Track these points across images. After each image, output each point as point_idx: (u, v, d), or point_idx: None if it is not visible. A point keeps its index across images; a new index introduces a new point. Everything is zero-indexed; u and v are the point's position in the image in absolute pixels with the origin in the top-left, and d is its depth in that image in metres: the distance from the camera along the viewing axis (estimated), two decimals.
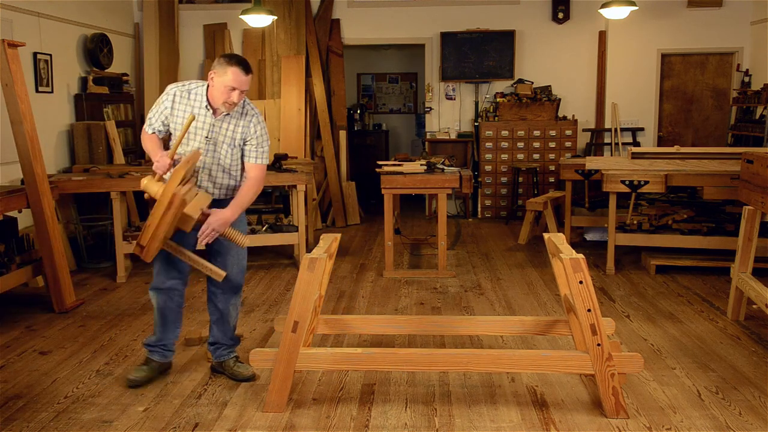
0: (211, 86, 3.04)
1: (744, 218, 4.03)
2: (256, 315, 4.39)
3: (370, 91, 11.10)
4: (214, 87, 3.01)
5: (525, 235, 6.50)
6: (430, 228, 7.11)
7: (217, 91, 3.00)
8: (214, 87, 3.01)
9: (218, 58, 3.03)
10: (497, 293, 4.85)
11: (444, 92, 8.21)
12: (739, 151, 5.18)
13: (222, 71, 2.97)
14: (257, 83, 7.80)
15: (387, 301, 4.70)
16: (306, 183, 5.55)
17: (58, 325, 4.23)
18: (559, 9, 7.88)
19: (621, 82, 7.86)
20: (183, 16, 7.85)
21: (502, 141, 7.82)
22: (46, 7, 5.98)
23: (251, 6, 6.54)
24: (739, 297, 4.13)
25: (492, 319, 3.57)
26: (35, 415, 2.99)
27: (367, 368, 3.15)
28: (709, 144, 7.90)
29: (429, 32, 8.06)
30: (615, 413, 2.88)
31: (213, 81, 3.01)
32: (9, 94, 4.26)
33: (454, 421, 2.89)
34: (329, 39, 7.92)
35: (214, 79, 3.00)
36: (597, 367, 2.84)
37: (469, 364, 2.97)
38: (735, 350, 3.67)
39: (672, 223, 5.42)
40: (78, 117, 6.48)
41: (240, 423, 2.90)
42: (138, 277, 5.35)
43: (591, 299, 2.80)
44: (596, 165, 5.73)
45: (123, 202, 5.45)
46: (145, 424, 2.89)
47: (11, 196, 4.35)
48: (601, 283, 5.05)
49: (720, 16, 7.69)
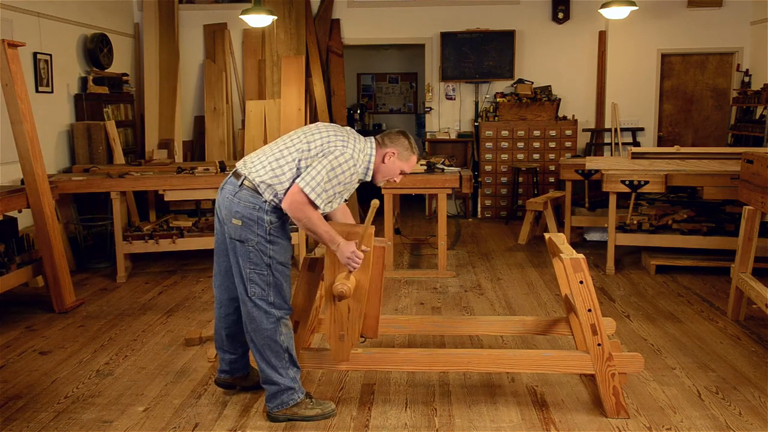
0: (381, 162, 2.90)
1: (744, 218, 4.03)
2: None
3: (370, 91, 11.10)
4: (388, 166, 2.90)
5: (525, 235, 6.50)
6: (430, 228, 7.11)
7: (389, 170, 2.92)
8: (386, 165, 2.90)
9: (401, 140, 2.91)
10: (497, 293, 4.85)
11: (444, 92, 8.21)
12: (739, 151, 5.18)
13: (406, 156, 2.91)
14: (257, 83, 7.81)
15: (387, 301, 4.70)
16: None
17: (58, 325, 4.23)
18: (559, 9, 7.87)
19: (621, 82, 7.86)
20: (183, 16, 7.86)
21: (502, 141, 7.82)
22: (46, 7, 5.98)
23: (251, 6, 6.54)
24: (739, 297, 4.13)
25: (493, 319, 3.56)
26: (35, 415, 2.99)
27: (367, 368, 3.14)
28: (709, 144, 7.90)
29: (429, 32, 8.06)
30: (615, 413, 2.88)
31: (390, 160, 2.89)
32: (9, 94, 4.26)
33: (454, 421, 2.89)
34: (329, 39, 7.92)
35: (392, 158, 2.89)
36: (597, 367, 2.84)
37: (470, 364, 2.98)
38: (735, 350, 3.67)
39: (672, 223, 5.42)
40: (78, 117, 6.48)
41: (240, 423, 2.90)
42: (138, 277, 5.35)
43: (591, 299, 2.80)
44: (596, 165, 5.73)
45: (123, 202, 5.45)
46: (145, 424, 2.89)
47: (11, 196, 4.35)
48: (601, 283, 5.05)
49: (720, 16, 7.69)
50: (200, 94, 7.95)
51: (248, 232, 2.77)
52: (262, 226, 2.77)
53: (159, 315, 4.41)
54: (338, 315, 2.82)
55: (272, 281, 2.82)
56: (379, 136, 2.96)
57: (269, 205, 2.77)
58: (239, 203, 2.77)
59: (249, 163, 2.84)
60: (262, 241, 2.78)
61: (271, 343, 2.84)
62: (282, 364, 2.87)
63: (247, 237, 2.78)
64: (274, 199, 2.77)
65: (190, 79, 7.99)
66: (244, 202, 2.77)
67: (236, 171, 2.84)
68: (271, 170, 2.77)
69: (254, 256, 2.79)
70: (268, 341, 2.84)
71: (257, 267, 2.79)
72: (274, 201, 2.77)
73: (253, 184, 2.77)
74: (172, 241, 5.33)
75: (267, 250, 2.79)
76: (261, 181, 2.76)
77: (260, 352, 2.87)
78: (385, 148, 2.89)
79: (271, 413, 2.91)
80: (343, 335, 2.86)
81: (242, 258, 2.80)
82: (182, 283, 5.18)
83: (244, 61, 7.89)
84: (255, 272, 2.80)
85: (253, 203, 2.76)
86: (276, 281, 2.83)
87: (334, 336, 2.87)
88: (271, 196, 2.76)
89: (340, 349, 2.90)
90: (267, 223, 2.77)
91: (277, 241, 2.81)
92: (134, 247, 5.31)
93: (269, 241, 2.79)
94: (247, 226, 2.77)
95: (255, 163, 2.82)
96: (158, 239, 5.31)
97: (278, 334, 2.84)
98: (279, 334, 2.84)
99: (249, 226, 2.77)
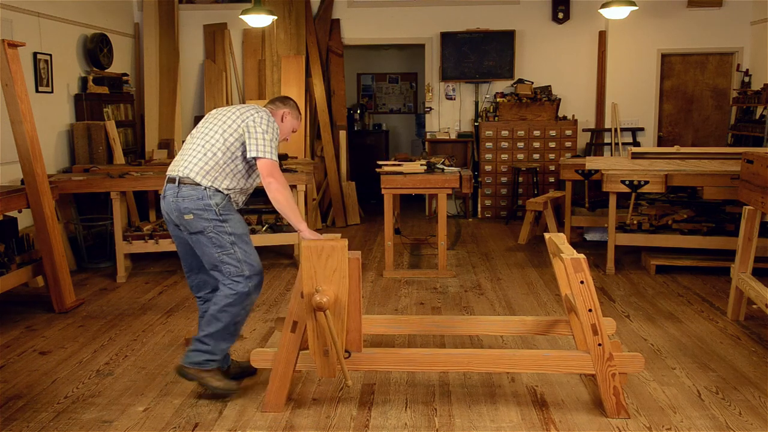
0: (281, 122, 3.26)
1: (744, 218, 4.03)
2: (256, 315, 4.39)
3: (370, 91, 11.10)
4: (285, 125, 3.28)
5: (525, 235, 6.50)
6: (430, 228, 7.11)
7: (286, 129, 3.29)
8: (284, 124, 3.28)
9: (290, 102, 3.32)
10: (497, 293, 4.85)
11: (444, 92, 8.21)
12: (739, 151, 5.18)
13: (296, 115, 3.31)
14: (257, 83, 7.81)
15: (387, 301, 4.70)
16: (306, 183, 5.55)
17: (58, 325, 4.23)
18: (559, 9, 7.87)
19: (621, 82, 7.86)
20: (183, 16, 7.86)
21: (502, 141, 7.82)
22: (46, 7, 5.98)
23: (251, 6, 6.54)
24: (739, 297, 4.13)
25: (493, 319, 3.56)
26: (35, 415, 2.99)
27: (368, 368, 3.14)
28: (709, 144, 7.90)
29: (429, 32, 8.06)
30: (616, 413, 2.88)
31: (286, 119, 3.28)
32: (9, 94, 4.26)
33: (454, 421, 2.89)
34: (329, 39, 7.92)
35: (287, 117, 3.28)
36: (598, 367, 2.84)
37: (471, 364, 2.97)
38: (735, 350, 3.67)
39: (672, 223, 5.42)
40: (78, 117, 6.48)
41: (240, 423, 2.90)
42: (138, 277, 5.35)
43: (592, 299, 2.80)
44: (596, 165, 5.73)
45: (123, 202, 5.45)
46: (145, 424, 2.89)
47: (11, 196, 4.34)
48: (601, 283, 5.05)
49: (720, 16, 7.69)
50: (200, 94, 7.96)
51: (202, 221, 2.99)
52: (210, 210, 2.98)
53: (159, 315, 4.41)
54: (320, 330, 2.80)
55: (241, 256, 3.03)
56: (268, 104, 3.31)
57: (210, 191, 2.99)
58: (184, 200, 2.99)
59: (178, 165, 3.06)
60: (216, 223, 2.99)
61: (231, 321, 3.05)
62: (223, 336, 3.07)
63: (203, 226, 2.99)
64: (213, 184, 3.00)
65: (190, 79, 7.99)
66: (188, 197, 2.99)
67: (169, 177, 3.06)
68: (202, 160, 3.01)
69: (216, 239, 3.00)
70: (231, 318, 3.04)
71: (224, 249, 3.00)
72: (213, 186, 3.00)
73: (190, 179, 2.99)
74: (171, 241, 5.32)
75: (225, 228, 3.00)
76: (196, 173, 2.99)
77: (215, 320, 3.04)
78: (281, 110, 3.26)
79: (183, 367, 3.09)
80: (327, 350, 2.84)
81: (208, 246, 3.01)
82: (182, 283, 5.18)
83: (244, 61, 7.89)
84: (224, 254, 3.01)
85: (196, 195, 2.98)
86: (244, 253, 3.04)
87: (318, 352, 2.85)
88: (210, 182, 2.99)
89: (325, 365, 2.88)
90: (214, 206, 2.99)
91: (229, 217, 3.02)
92: (134, 247, 5.31)
93: (223, 221, 3.00)
94: (199, 216, 2.98)
95: (184, 162, 3.04)
96: (158, 239, 5.31)
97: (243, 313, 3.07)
98: (245, 308, 3.07)
99: (200, 216, 2.98)
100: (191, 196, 2.98)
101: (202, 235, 3.00)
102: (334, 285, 2.76)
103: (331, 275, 2.75)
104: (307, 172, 5.66)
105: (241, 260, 3.02)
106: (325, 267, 2.75)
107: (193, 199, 2.98)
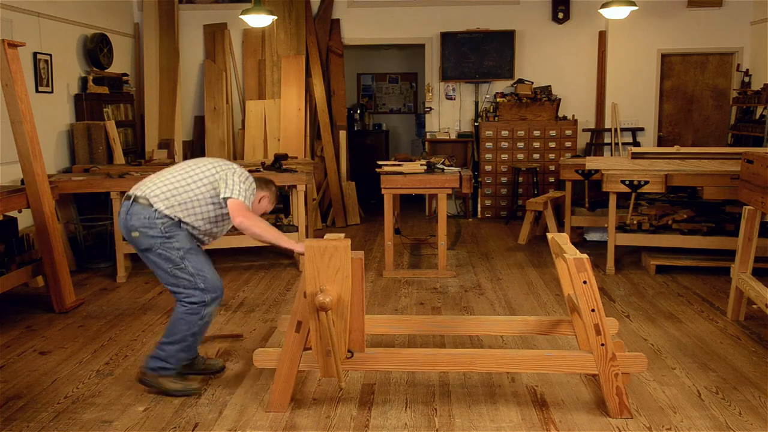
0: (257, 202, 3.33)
1: (744, 218, 4.03)
2: (256, 315, 4.39)
3: (370, 91, 11.10)
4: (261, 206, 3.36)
5: (525, 235, 6.50)
6: (430, 228, 7.11)
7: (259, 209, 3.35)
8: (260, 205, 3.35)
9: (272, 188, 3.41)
10: (497, 293, 4.85)
11: (444, 92, 8.21)
12: (739, 151, 5.18)
13: (273, 200, 3.41)
14: (257, 83, 7.81)
15: (387, 301, 4.70)
16: (306, 183, 5.55)
17: (58, 325, 4.23)
18: (559, 9, 7.87)
19: (621, 82, 7.86)
20: (183, 16, 7.86)
21: (502, 141, 7.82)
22: (46, 7, 5.98)
23: (251, 6, 6.54)
24: (739, 297, 4.13)
25: (495, 319, 3.56)
26: (35, 415, 2.99)
27: (370, 368, 3.14)
28: (709, 144, 7.90)
29: (429, 32, 8.06)
30: (619, 413, 2.87)
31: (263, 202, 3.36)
32: (9, 94, 4.26)
33: (454, 421, 2.89)
34: (329, 39, 7.92)
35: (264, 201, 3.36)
36: (601, 367, 2.84)
37: (473, 365, 2.97)
38: (735, 350, 3.67)
39: (672, 223, 5.42)
40: (78, 117, 6.48)
41: (240, 423, 2.90)
42: (138, 277, 5.35)
43: (595, 299, 2.80)
44: (596, 165, 5.73)
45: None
46: (145, 424, 2.89)
47: (11, 196, 4.34)
48: (601, 283, 5.05)
49: (720, 16, 7.69)
50: (200, 94, 7.96)
51: (148, 239, 3.03)
52: (156, 227, 3.02)
53: (159, 315, 4.41)
54: (323, 330, 2.79)
55: (193, 269, 3.06)
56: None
57: (160, 214, 3.03)
58: (132, 217, 3.04)
59: (141, 186, 3.12)
60: (162, 240, 3.03)
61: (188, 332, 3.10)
62: (181, 347, 3.12)
63: (150, 243, 3.03)
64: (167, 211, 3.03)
65: (190, 79, 7.99)
66: (136, 215, 3.03)
67: (126, 195, 3.12)
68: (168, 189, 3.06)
69: (165, 255, 3.04)
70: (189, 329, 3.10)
71: (175, 264, 3.05)
72: (167, 213, 3.03)
73: (146, 199, 3.04)
74: None
75: (172, 243, 3.04)
76: (155, 196, 3.03)
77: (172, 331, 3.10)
78: (262, 192, 3.32)
79: (144, 374, 3.15)
80: (330, 351, 2.83)
81: (159, 263, 3.06)
82: None
83: (244, 61, 7.89)
84: (176, 268, 3.05)
85: (144, 213, 3.03)
86: (196, 267, 3.07)
87: (321, 352, 2.85)
88: (164, 208, 3.02)
89: (328, 366, 2.88)
90: (160, 224, 3.03)
91: (175, 234, 3.06)
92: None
93: (168, 237, 3.04)
94: (144, 234, 3.03)
95: (149, 184, 3.10)
96: None
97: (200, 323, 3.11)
98: (202, 319, 3.11)
99: (146, 234, 3.03)
100: (139, 214, 3.03)
101: (150, 252, 3.05)
102: (337, 285, 2.76)
103: (334, 275, 2.75)
104: (307, 172, 5.66)
105: (194, 273, 3.06)
106: (328, 267, 2.75)
107: (140, 218, 3.02)
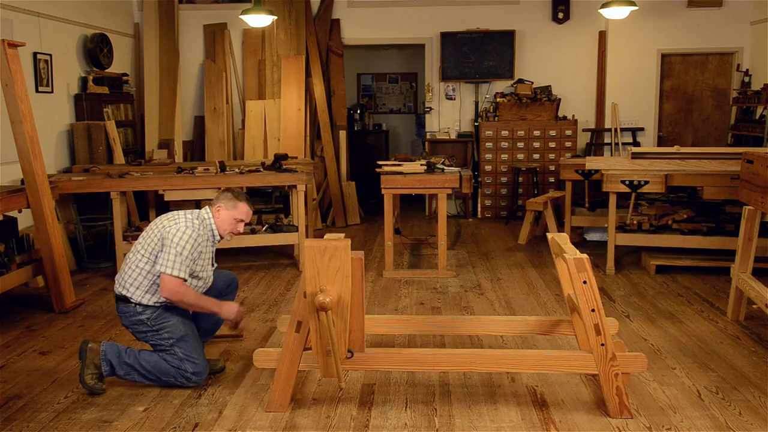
0: (216, 217, 3.28)
1: (744, 218, 4.03)
2: (256, 315, 4.39)
3: (370, 91, 11.10)
4: (221, 219, 3.28)
5: (525, 235, 6.50)
6: (430, 228, 7.11)
7: (224, 222, 3.29)
8: (220, 219, 3.28)
9: (223, 193, 3.35)
10: (497, 293, 4.85)
11: (444, 92, 8.21)
12: (739, 151, 5.18)
13: (231, 206, 3.29)
14: (257, 83, 7.81)
15: (387, 301, 4.70)
16: (306, 183, 5.55)
17: (58, 325, 4.23)
18: (559, 9, 7.87)
19: (621, 82, 7.86)
20: (183, 16, 7.85)
21: (502, 141, 7.82)
22: (46, 7, 5.98)
23: (251, 6, 6.54)
24: (739, 297, 4.13)
25: (495, 319, 3.56)
26: (35, 415, 2.99)
27: (370, 368, 3.14)
28: (709, 144, 7.90)
29: (429, 32, 8.06)
30: (619, 413, 2.87)
31: (220, 213, 3.28)
32: (9, 94, 4.26)
33: (454, 421, 2.89)
34: (329, 39, 7.92)
35: (221, 211, 3.28)
36: (601, 367, 2.84)
37: (473, 365, 2.97)
38: (735, 350, 3.67)
39: (672, 223, 5.42)
40: (78, 117, 6.47)
41: (240, 423, 2.90)
42: None
43: (595, 299, 2.80)
44: (596, 165, 5.73)
45: (123, 202, 5.45)
46: (145, 424, 2.89)
47: (11, 196, 4.34)
48: (601, 283, 5.05)
49: (720, 16, 7.69)
50: (200, 94, 7.95)
51: (140, 335, 3.22)
52: (144, 324, 3.17)
53: None
54: (323, 330, 2.79)
55: (182, 355, 3.17)
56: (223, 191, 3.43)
57: (140, 307, 3.16)
58: (122, 317, 3.23)
59: (121, 279, 3.23)
60: (152, 335, 3.18)
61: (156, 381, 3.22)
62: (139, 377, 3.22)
63: (143, 336, 3.22)
64: (141, 300, 3.15)
65: (190, 79, 7.99)
66: (123, 315, 3.22)
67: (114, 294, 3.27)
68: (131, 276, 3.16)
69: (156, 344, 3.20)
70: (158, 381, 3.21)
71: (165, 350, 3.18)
72: (142, 302, 3.16)
73: (124, 296, 3.17)
74: None
75: (162, 335, 3.17)
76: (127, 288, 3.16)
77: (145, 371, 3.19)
78: (213, 206, 3.30)
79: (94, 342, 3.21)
80: (330, 351, 2.83)
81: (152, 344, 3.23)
82: None
83: (244, 61, 7.89)
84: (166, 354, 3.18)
85: (129, 312, 3.18)
86: (185, 353, 3.17)
87: (321, 352, 2.85)
88: (139, 298, 3.15)
89: (328, 365, 2.87)
90: (146, 320, 3.17)
91: (164, 325, 3.18)
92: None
93: (156, 330, 3.17)
94: (135, 330, 3.22)
95: (123, 276, 3.21)
96: None
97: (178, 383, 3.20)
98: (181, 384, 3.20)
99: (136, 329, 3.21)
100: (125, 313, 3.20)
101: (145, 339, 3.23)
102: (337, 285, 2.75)
103: (334, 275, 2.75)
104: (307, 172, 5.66)
105: (183, 359, 3.16)
106: (328, 267, 2.74)
107: (127, 316, 3.20)
